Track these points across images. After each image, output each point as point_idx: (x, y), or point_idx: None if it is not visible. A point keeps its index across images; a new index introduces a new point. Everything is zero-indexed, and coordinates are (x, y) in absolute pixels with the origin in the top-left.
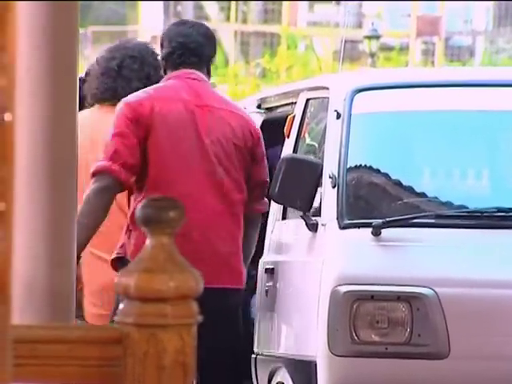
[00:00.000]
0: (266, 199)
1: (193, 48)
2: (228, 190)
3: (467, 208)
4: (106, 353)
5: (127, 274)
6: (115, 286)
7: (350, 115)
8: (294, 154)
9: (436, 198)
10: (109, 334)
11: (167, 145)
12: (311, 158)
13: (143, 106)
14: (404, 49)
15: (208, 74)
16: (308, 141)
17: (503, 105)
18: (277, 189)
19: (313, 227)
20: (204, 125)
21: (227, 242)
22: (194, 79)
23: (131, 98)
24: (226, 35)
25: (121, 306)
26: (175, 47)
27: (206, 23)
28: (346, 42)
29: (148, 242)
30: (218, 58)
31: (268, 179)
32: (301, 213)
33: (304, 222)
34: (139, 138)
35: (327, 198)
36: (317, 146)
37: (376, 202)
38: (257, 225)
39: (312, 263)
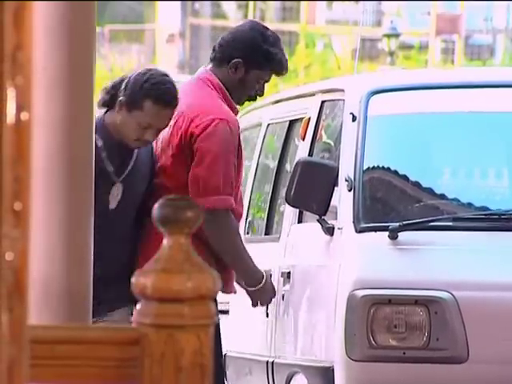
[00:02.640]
0: (212, 197)
1: (218, 44)
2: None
3: (485, 210)
4: (123, 353)
5: (144, 274)
6: (132, 286)
7: (365, 117)
8: (309, 158)
9: (453, 200)
10: (126, 334)
11: None
12: (326, 161)
13: None
14: (423, 47)
15: (233, 73)
16: (323, 143)
17: None
18: (292, 192)
19: (329, 231)
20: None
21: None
22: (191, 83)
23: None
24: None
25: (138, 306)
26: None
27: (254, 25)
28: (364, 40)
29: (165, 241)
30: None
31: (206, 175)
32: (317, 216)
33: (320, 226)
34: None
35: (343, 201)
36: (333, 148)
37: (393, 205)
38: (207, 222)
39: (329, 267)
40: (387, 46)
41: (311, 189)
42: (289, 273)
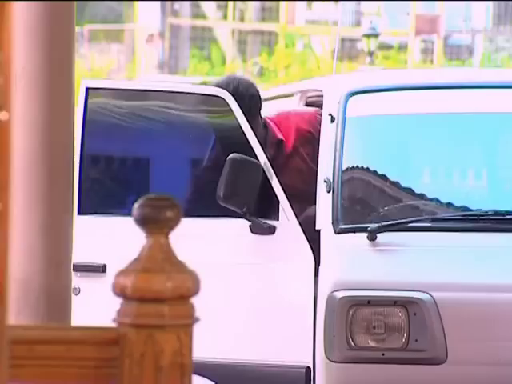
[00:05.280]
0: None
1: None
2: None
3: (464, 211)
4: (103, 353)
5: (124, 273)
6: (112, 285)
7: (344, 119)
8: (239, 155)
9: (432, 201)
10: (106, 334)
11: None
12: (253, 159)
13: None
14: (403, 47)
15: None
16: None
17: (500, 107)
18: (223, 190)
19: (266, 230)
20: None
21: None
22: None
23: None
24: (224, 34)
25: (118, 306)
26: None
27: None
28: (344, 40)
29: (145, 241)
30: (215, 57)
31: None
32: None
33: (251, 224)
34: None
35: (322, 202)
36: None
37: (372, 207)
38: None
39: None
40: (367, 46)
41: (241, 187)
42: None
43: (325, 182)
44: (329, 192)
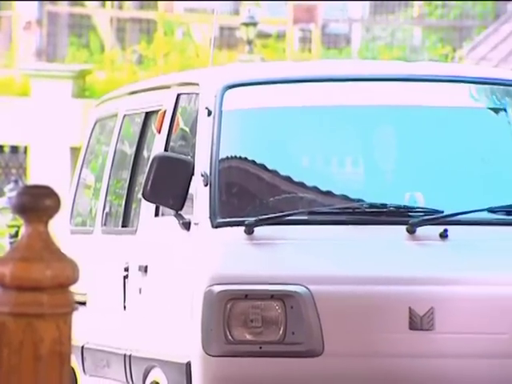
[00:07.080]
0: None
1: None
2: None
3: (340, 204)
4: None
5: (2, 262)
6: None
7: (220, 112)
8: (166, 153)
9: (310, 194)
10: None
11: None
12: (183, 156)
13: None
14: (281, 36)
15: None
16: (179, 137)
17: (378, 99)
18: (148, 188)
19: (185, 226)
20: None
21: None
22: None
23: None
24: (102, 21)
25: None
26: None
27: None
28: (223, 28)
29: (24, 230)
30: (94, 44)
31: None
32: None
33: (177, 221)
34: None
35: (199, 196)
36: (189, 142)
37: (249, 200)
38: None
39: (186, 262)
40: (245, 35)
41: (167, 184)
42: (146, 267)
43: (202, 175)
44: (206, 186)
